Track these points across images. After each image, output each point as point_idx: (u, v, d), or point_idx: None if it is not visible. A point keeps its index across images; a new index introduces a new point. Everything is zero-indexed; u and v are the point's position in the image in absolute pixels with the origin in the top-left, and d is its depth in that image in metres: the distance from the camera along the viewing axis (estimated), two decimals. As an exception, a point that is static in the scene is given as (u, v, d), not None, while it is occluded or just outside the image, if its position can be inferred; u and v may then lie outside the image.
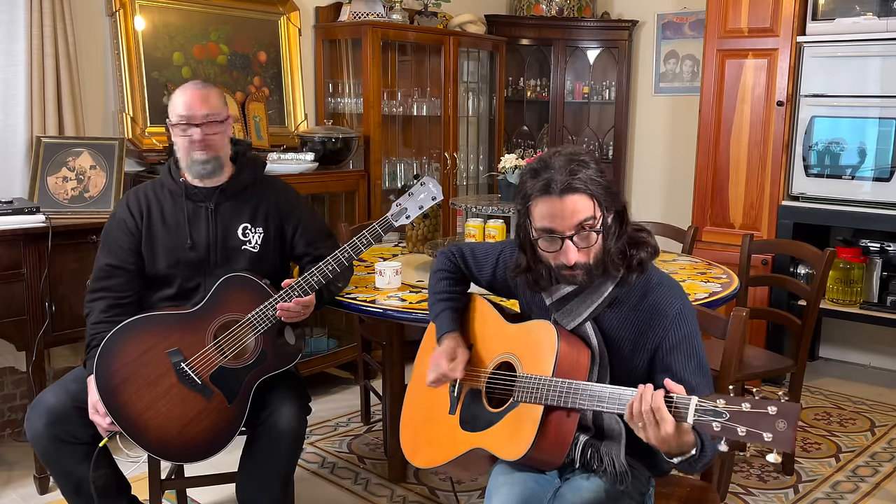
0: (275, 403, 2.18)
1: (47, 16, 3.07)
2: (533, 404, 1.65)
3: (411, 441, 1.96)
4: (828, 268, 2.96)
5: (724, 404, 1.39)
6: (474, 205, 2.95)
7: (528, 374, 1.70)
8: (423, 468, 1.93)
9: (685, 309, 1.71)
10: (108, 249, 2.25)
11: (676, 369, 1.66)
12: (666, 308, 1.69)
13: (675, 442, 1.48)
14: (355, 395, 3.80)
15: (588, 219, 1.63)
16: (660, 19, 5.11)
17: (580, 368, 1.68)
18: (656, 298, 1.70)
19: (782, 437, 1.33)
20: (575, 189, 1.62)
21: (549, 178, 1.63)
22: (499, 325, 1.87)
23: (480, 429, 1.77)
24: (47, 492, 2.86)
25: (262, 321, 2.16)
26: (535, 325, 1.77)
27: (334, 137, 3.82)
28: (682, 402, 1.44)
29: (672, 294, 1.72)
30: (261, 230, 2.32)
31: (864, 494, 2.97)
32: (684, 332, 1.68)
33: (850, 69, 3.80)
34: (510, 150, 4.87)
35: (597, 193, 1.63)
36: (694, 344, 1.69)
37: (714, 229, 4.23)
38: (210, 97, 2.23)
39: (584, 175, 1.62)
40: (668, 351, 1.68)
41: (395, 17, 4.20)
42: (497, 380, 1.79)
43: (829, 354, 4.60)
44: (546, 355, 1.68)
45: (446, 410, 1.88)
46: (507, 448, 1.69)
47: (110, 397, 2.09)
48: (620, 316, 1.72)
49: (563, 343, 1.68)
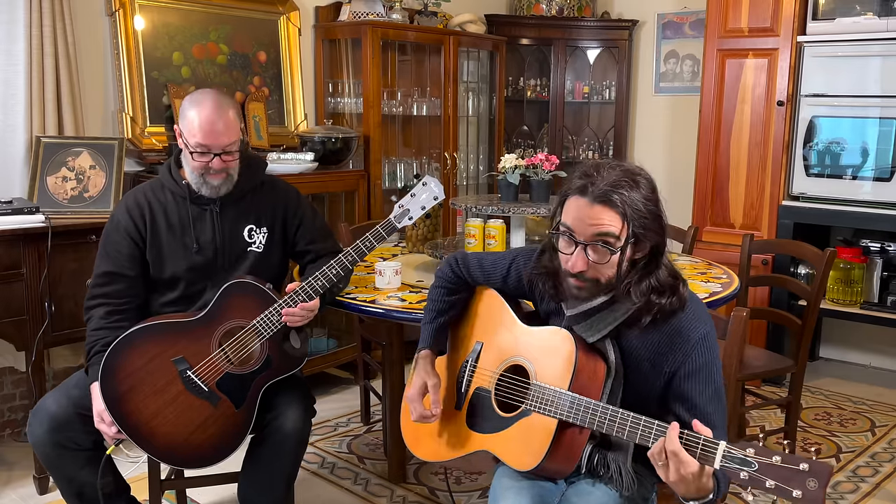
0: (280, 406, 2.18)
1: (47, 16, 3.07)
2: (547, 416, 1.63)
3: (412, 429, 1.93)
4: (828, 268, 2.96)
5: (753, 454, 1.36)
6: (474, 205, 2.95)
7: (543, 383, 1.67)
8: (425, 460, 1.92)
9: (709, 335, 1.66)
10: (107, 255, 2.22)
11: (692, 395, 1.63)
12: (689, 332, 1.64)
13: (694, 485, 1.44)
14: (355, 395, 3.80)
15: (610, 235, 1.56)
16: (660, 19, 5.11)
17: (596, 382, 1.65)
18: (681, 321, 1.64)
19: (812, 496, 1.30)
20: (609, 201, 1.55)
21: (591, 181, 1.57)
22: (512, 324, 1.82)
23: (489, 431, 1.75)
24: (47, 492, 2.86)
25: (267, 327, 2.15)
26: (551, 332, 1.71)
27: (334, 137, 3.82)
28: (710, 446, 1.41)
29: (697, 318, 1.66)
30: (265, 230, 2.32)
31: (865, 494, 2.97)
32: (705, 358, 1.64)
33: (851, 69, 3.80)
34: (510, 150, 4.88)
35: (632, 217, 1.56)
36: (713, 371, 1.65)
37: (714, 229, 4.23)
38: (231, 124, 2.15)
39: (628, 194, 1.56)
40: (685, 376, 1.64)
41: (395, 16, 4.20)
42: (508, 383, 1.76)
43: (829, 354, 4.59)
44: (562, 366, 1.64)
45: (452, 404, 1.86)
46: (517, 458, 1.67)
47: (116, 406, 2.08)
48: (641, 335, 1.66)
49: (581, 355, 1.63)
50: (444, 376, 1.92)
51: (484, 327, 1.89)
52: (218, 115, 2.14)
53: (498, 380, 1.79)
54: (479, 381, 1.83)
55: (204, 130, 2.13)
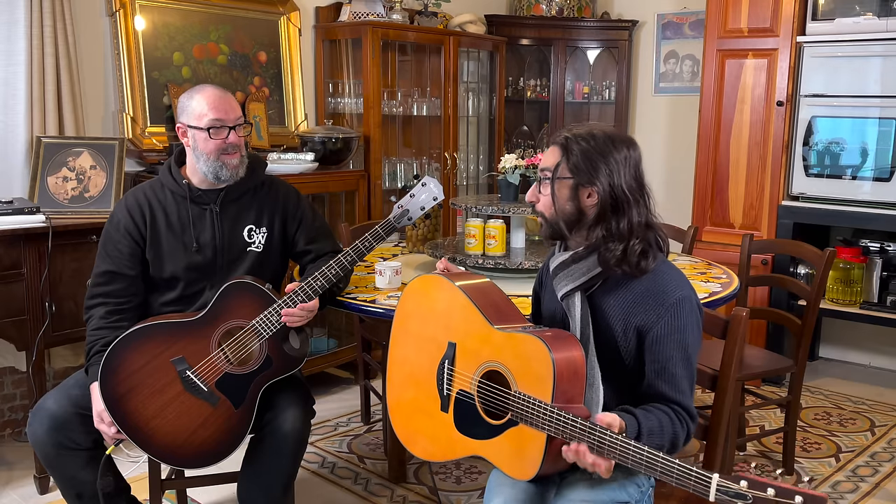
0: (279, 406, 2.18)
1: (47, 16, 3.07)
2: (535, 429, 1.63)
3: (404, 427, 1.93)
4: (828, 268, 2.96)
5: (746, 487, 1.35)
6: (474, 205, 2.96)
7: (525, 393, 1.65)
8: (421, 458, 1.92)
9: (686, 299, 1.69)
10: (107, 254, 2.22)
11: (662, 359, 1.67)
12: (665, 294, 1.68)
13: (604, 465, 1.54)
14: (355, 395, 3.80)
15: (546, 169, 1.76)
16: (660, 19, 5.11)
17: (578, 380, 1.65)
18: (657, 282, 1.70)
19: None
20: (556, 142, 1.76)
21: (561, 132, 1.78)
22: (481, 325, 1.79)
23: (479, 437, 1.75)
24: (47, 492, 2.86)
25: (266, 327, 2.15)
26: (523, 339, 1.69)
27: (334, 137, 3.82)
28: (703, 479, 1.39)
29: (675, 282, 1.71)
30: (265, 230, 2.32)
31: (864, 494, 2.97)
32: (680, 322, 1.67)
33: (850, 69, 3.81)
34: (510, 150, 4.88)
35: (573, 152, 1.71)
36: (686, 336, 1.67)
37: (714, 229, 4.23)
38: (234, 100, 2.26)
39: (576, 139, 1.72)
40: (656, 338, 1.67)
41: (395, 17, 4.21)
42: (489, 390, 1.74)
43: (829, 354, 4.60)
44: (542, 376, 1.62)
45: (437, 405, 1.84)
46: (514, 468, 1.67)
47: (116, 406, 2.08)
48: (616, 294, 1.72)
49: (559, 364, 1.61)
50: (417, 375, 1.90)
51: (452, 326, 1.84)
52: (223, 93, 2.24)
53: (479, 387, 1.77)
54: (459, 384, 1.81)
55: (215, 106, 2.19)
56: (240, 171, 2.26)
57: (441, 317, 1.87)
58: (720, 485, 1.38)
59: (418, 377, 1.89)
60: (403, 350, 1.94)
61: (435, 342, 1.87)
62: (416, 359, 1.91)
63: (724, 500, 1.37)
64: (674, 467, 1.44)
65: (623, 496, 1.71)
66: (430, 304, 1.90)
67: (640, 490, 1.75)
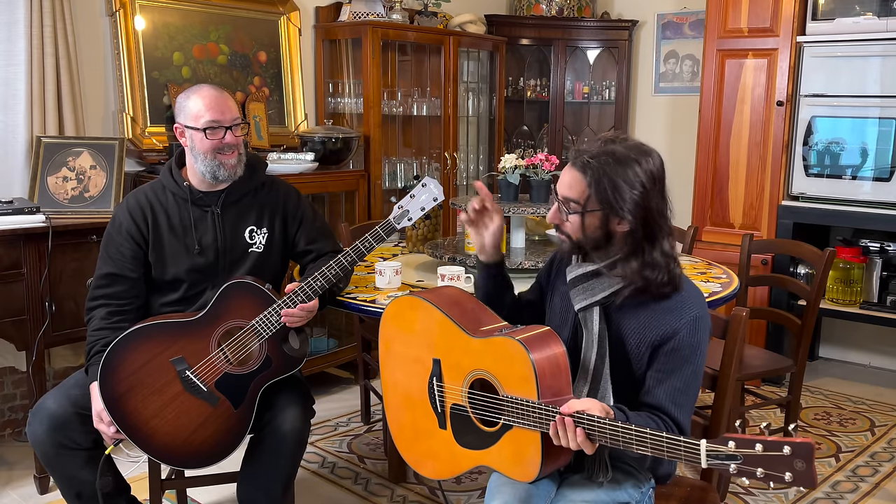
0: (279, 406, 2.18)
1: (47, 16, 3.07)
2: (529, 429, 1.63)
3: (410, 451, 1.93)
4: (828, 268, 2.96)
5: (734, 447, 1.36)
6: (474, 205, 2.94)
7: (513, 395, 1.65)
8: (432, 479, 1.92)
9: (701, 318, 1.68)
10: (109, 257, 2.23)
11: (667, 370, 1.66)
12: (682, 312, 1.67)
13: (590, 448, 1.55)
14: (355, 395, 3.80)
15: (569, 199, 1.69)
16: (660, 19, 5.11)
17: (561, 374, 1.65)
18: (674, 301, 1.68)
19: (803, 475, 1.31)
20: (580, 168, 1.68)
21: (578, 149, 1.72)
22: (459, 337, 1.79)
23: (479, 447, 1.75)
24: (47, 492, 2.86)
25: (266, 327, 2.14)
26: (501, 343, 1.69)
27: (334, 137, 3.82)
28: (692, 447, 1.41)
29: (692, 301, 1.70)
30: (266, 231, 2.32)
31: (864, 494, 2.97)
32: (692, 339, 1.66)
33: (850, 69, 3.81)
34: (510, 150, 4.87)
35: (600, 190, 1.64)
36: (696, 354, 1.67)
37: (714, 229, 4.23)
38: (231, 100, 2.26)
39: (604, 167, 1.64)
40: (667, 351, 1.66)
41: (395, 17, 4.21)
42: (479, 399, 1.74)
43: (829, 354, 4.60)
44: (524, 376, 1.63)
45: (435, 423, 1.84)
46: (517, 471, 1.67)
47: (115, 406, 2.08)
48: (633, 309, 1.71)
49: (538, 362, 1.62)
50: (411, 397, 1.89)
51: (433, 343, 1.84)
52: (219, 93, 2.24)
53: (469, 398, 1.77)
54: (451, 398, 1.81)
55: (211, 107, 2.19)
56: (237, 171, 2.25)
57: (420, 336, 1.87)
58: (710, 449, 1.40)
59: (413, 399, 1.89)
60: (393, 374, 1.94)
61: (420, 362, 1.86)
62: (407, 381, 1.91)
63: (717, 465, 1.39)
64: (662, 439, 1.45)
65: (623, 496, 1.72)
66: (408, 325, 1.90)
67: (640, 490, 1.75)
